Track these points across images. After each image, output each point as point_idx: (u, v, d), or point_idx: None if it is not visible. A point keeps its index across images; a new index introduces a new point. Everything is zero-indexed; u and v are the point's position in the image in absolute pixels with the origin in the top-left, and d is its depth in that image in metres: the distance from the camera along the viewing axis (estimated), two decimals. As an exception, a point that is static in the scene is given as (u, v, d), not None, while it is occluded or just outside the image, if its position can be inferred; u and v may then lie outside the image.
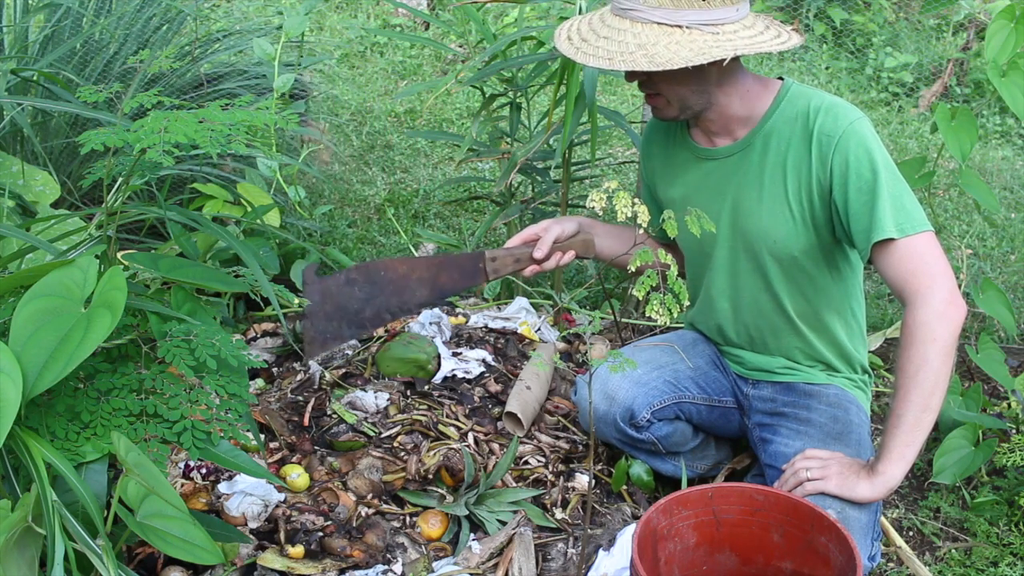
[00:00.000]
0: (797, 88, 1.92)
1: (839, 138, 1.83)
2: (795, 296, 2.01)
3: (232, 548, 1.87)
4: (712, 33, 1.76)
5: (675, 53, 1.74)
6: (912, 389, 1.74)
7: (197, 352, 1.62)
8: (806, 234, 1.92)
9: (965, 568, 2.10)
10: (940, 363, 1.73)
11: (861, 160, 1.81)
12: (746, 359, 2.12)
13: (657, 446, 2.10)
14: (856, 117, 1.84)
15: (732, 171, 1.97)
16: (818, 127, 1.86)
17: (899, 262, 1.78)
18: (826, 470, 1.83)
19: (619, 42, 1.79)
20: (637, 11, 1.78)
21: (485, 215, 3.67)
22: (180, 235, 2.43)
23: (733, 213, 1.99)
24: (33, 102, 2.63)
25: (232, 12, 4.91)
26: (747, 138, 1.95)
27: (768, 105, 1.93)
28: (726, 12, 1.78)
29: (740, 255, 2.02)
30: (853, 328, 2.06)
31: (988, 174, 4.17)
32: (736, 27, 1.79)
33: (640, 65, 1.75)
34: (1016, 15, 2.28)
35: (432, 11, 5.69)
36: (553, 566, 1.96)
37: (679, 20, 1.76)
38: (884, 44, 5.28)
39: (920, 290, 1.75)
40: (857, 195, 1.81)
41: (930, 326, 1.73)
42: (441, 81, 2.77)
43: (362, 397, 2.31)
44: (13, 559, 1.48)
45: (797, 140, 1.89)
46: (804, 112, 1.88)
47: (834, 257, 1.97)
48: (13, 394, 1.41)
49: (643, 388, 2.05)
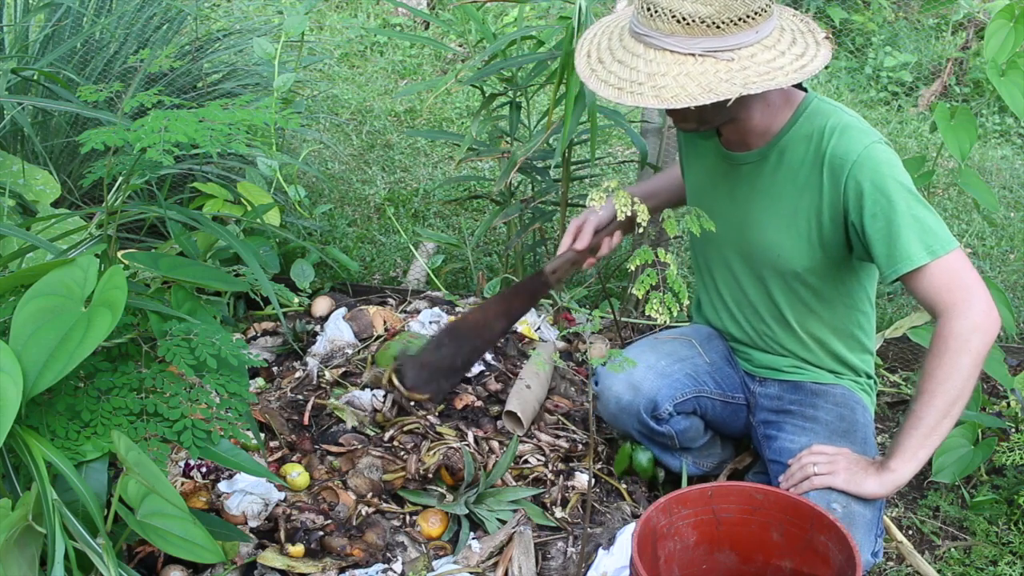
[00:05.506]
0: (817, 104, 1.88)
1: (853, 163, 1.79)
2: (796, 307, 2.01)
3: (232, 547, 1.87)
4: (727, 60, 1.67)
5: (683, 87, 1.66)
6: (938, 395, 1.73)
7: (197, 351, 1.62)
8: (811, 252, 1.91)
9: (964, 567, 2.11)
10: (970, 372, 1.73)
11: (876, 185, 1.77)
12: (754, 357, 2.13)
13: (674, 440, 2.11)
14: (871, 141, 1.80)
15: (745, 179, 1.96)
16: (831, 149, 1.83)
17: (933, 282, 1.75)
18: (834, 465, 1.84)
19: (631, 69, 1.72)
20: (650, 37, 1.71)
21: (485, 214, 3.67)
22: (180, 234, 2.43)
23: (741, 221, 1.98)
24: (33, 101, 2.63)
25: (232, 12, 4.91)
26: (763, 150, 1.92)
27: (787, 120, 1.90)
28: (743, 36, 1.68)
29: (744, 262, 2.02)
30: (859, 338, 2.05)
31: (987, 173, 4.17)
32: (754, 50, 1.69)
33: (647, 100, 1.68)
34: (1015, 14, 2.28)
35: (432, 10, 5.68)
36: (553, 565, 1.96)
37: (692, 48, 1.67)
38: (883, 43, 5.28)
39: (957, 303, 1.73)
40: (872, 221, 1.78)
41: (966, 337, 1.72)
42: (441, 80, 2.77)
43: (360, 396, 2.31)
44: (13, 558, 1.48)
45: (811, 160, 1.86)
46: (820, 131, 1.85)
47: (841, 274, 1.95)
48: (13, 393, 1.41)
49: (667, 380, 2.05)
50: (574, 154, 2.83)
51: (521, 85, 2.77)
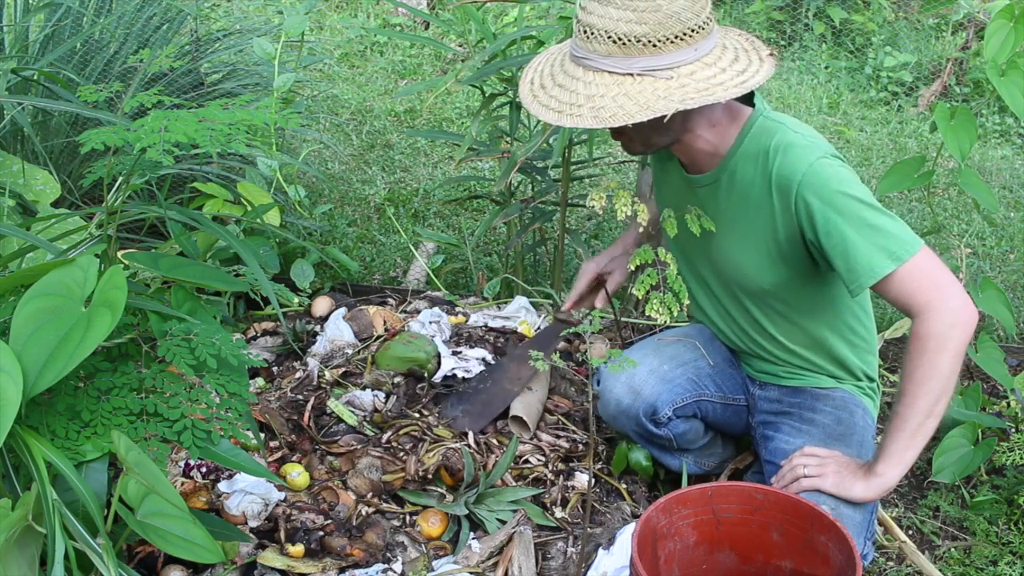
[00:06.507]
0: (763, 121, 1.84)
1: (799, 183, 1.76)
2: (776, 321, 2.00)
3: (232, 547, 1.87)
4: (665, 79, 1.66)
5: (620, 106, 1.65)
6: (920, 396, 1.72)
7: (197, 351, 1.62)
8: (775, 270, 1.90)
9: (964, 567, 2.11)
10: (950, 370, 1.72)
11: (825, 201, 1.74)
12: (753, 363, 2.12)
13: (672, 443, 2.11)
14: (815, 157, 1.76)
15: (705, 202, 1.94)
16: (776, 170, 1.79)
17: (903, 286, 1.73)
18: (823, 468, 1.83)
19: (571, 92, 1.71)
20: (588, 59, 1.70)
21: (485, 214, 3.67)
22: (180, 234, 2.43)
23: (707, 243, 1.97)
24: (33, 101, 2.63)
25: (232, 12, 4.91)
26: (715, 172, 1.90)
27: (734, 139, 1.86)
28: (682, 54, 1.67)
29: (719, 282, 2.03)
30: (853, 342, 2.03)
31: (987, 173, 4.17)
32: (694, 67, 1.68)
33: (585, 122, 1.67)
34: (1015, 14, 2.28)
35: (432, 10, 5.69)
36: (553, 565, 1.96)
37: (630, 68, 1.66)
38: (883, 43, 5.28)
39: (931, 302, 1.71)
40: (827, 238, 1.75)
41: (944, 335, 1.70)
42: (441, 80, 2.77)
43: (360, 396, 2.31)
44: (13, 558, 1.48)
45: (759, 180, 1.83)
46: (764, 151, 1.82)
47: (814, 285, 1.93)
48: (13, 393, 1.41)
49: (668, 385, 2.05)
50: (574, 154, 2.83)
51: (521, 85, 2.77)
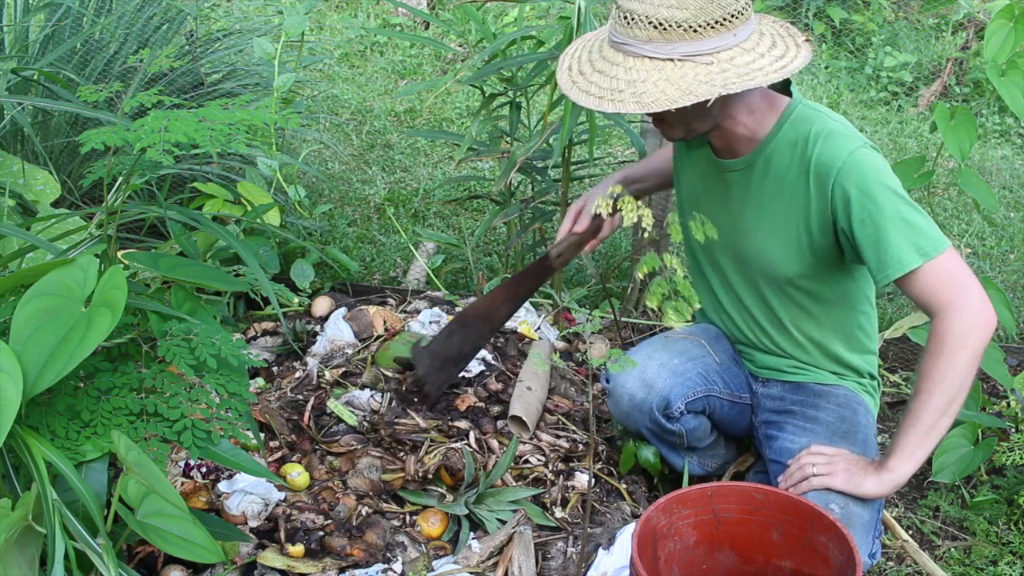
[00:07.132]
0: (802, 109, 1.87)
1: (838, 170, 1.78)
2: (792, 311, 2.01)
3: (232, 547, 1.87)
4: (706, 64, 1.67)
5: (663, 92, 1.66)
6: (936, 394, 1.73)
7: (197, 351, 1.62)
8: (803, 258, 1.91)
9: (964, 567, 2.11)
10: (967, 370, 1.73)
11: (862, 191, 1.76)
12: (756, 358, 2.13)
13: (683, 439, 2.10)
14: (856, 146, 1.79)
15: (735, 187, 1.96)
16: (816, 156, 1.82)
17: (927, 283, 1.74)
18: (832, 466, 1.84)
19: (611, 78, 1.72)
20: (628, 45, 1.70)
21: (485, 214, 3.67)
22: (180, 234, 2.43)
23: (732, 228, 1.98)
24: (33, 101, 2.63)
25: (232, 12, 4.91)
26: (750, 157, 1.91)
27: (772, 125, 1.88)
28: (722, 40, 1.68)
29: (738, 268, 2.03)
30: (859, 339, 2.05)
31: (987, 173, 4.16)
32: (733, 53, 1.69)
33: (628, 107, 1.68)
34: (1015, 14, 2.28)
35: (432, 10, 5.68)
36: (553, 565, 1.96)
37: (671, 53, 1.67)
38: (883, 43, 5.28)
39: (953, 302, 1.73)
40: (861, 227, 1.77)
41: (963, 335, 1.71)
42: (441, 80, 2.77)
43: (360, 396, 2.31)
44: (13, 558, 1.48)
45: (796, 167, 1.85)
46: (804, 138, 1.84)
47: (836, 277, 1.95)
48: (13, 393, 1.41)
49: (680, 378, 2.05)
50: (574, 154, 2.83)
51: (521, 85, 2.77)
